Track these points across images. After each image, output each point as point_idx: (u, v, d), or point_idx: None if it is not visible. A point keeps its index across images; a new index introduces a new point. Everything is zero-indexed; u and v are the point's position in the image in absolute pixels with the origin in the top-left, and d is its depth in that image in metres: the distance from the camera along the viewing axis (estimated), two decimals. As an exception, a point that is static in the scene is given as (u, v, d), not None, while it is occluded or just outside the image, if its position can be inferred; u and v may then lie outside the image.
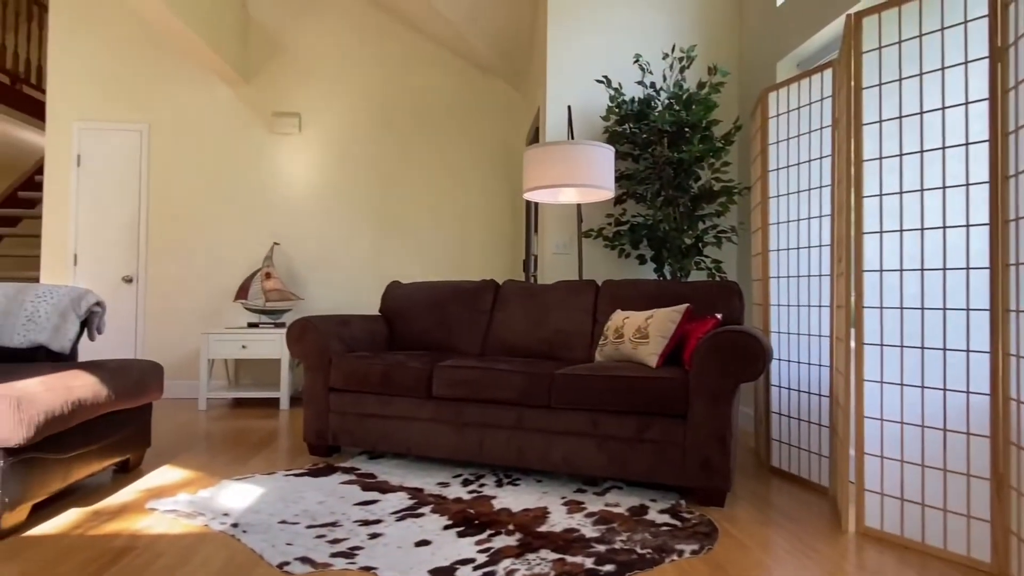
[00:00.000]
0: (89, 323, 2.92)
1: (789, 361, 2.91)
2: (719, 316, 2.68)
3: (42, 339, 2.71)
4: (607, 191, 3.18)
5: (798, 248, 2.84)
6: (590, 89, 4.02)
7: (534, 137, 4.69)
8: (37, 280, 5.25)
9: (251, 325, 4.76)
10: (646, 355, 2.65)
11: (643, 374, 2.49)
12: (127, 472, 2.80)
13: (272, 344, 4.56)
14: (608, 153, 3.12)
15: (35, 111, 6.34)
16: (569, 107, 3.75)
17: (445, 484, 2.66)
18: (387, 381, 2.93)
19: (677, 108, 3.55)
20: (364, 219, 5.24)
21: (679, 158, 3.49)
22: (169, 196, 5.09)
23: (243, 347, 4.52)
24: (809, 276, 2.78)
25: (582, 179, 2.95)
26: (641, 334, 2.71)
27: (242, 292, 4.78)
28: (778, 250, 2.96)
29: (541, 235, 4.18)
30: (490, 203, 5.35)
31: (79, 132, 5.02)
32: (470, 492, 2.54)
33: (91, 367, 2.46)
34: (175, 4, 3.93)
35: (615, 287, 3.25)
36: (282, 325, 4.81)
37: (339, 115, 5.25)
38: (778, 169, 2.96)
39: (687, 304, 2.72)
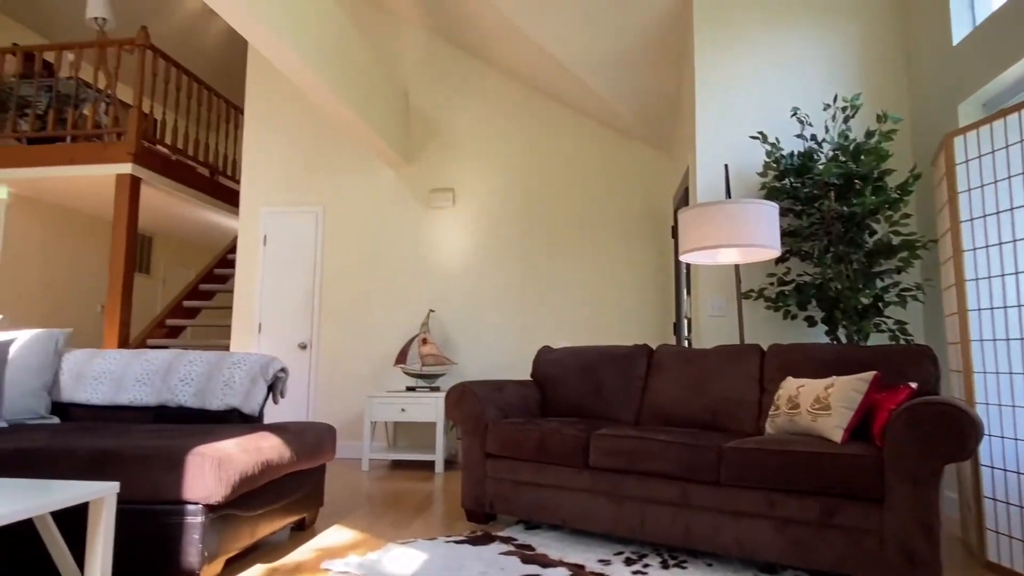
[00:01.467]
0: (274, 387, 3.19)
1: (1003, 438, 2.51)
2: (913, 385, 2.38)
3: (235, 402, 3.00)
4: (772, 250, 3.01)
5: (1004, 307, 2.49)
6: (743, 145, 3.90)
7: (683, 198, 4.60)
8: (228, 347, 5.89)
9: (409, 389, 4.98)
10: (828, 429, 2.41)
11: (827, 450, 2.26)
12: (303, 530, 2.97)
13: (428, 408, 4.72)
14: (772, 211, 2.97)
15: (229, 198, 7.28)
16: (726, 166, 3.65)
17: (606, 562, 2.53)
18: (542, 449, 2.90)
19: (843, 159, 3.34)
20: (513, 285, 5.37)
21: (850, 212, 3.25)
22: (339, 269, 5.56)
23: (402, 410, 4.73)
24: (1021, 339, 2.42)
25: (745, 239, 2.82)
26: (821, 405, 2.48)
27: (401, 357, 5.03)
28: (979, 309, 2.61)
29: (694, 297, 4.03)
30: (637, 266, 5.28)
31: (265, 215, 5.67)
32: (634, 572, 2.40)
33: (276, 429, 2.67)
34: (351, 100, 4.38)
35: (784, 352, 3.02)
36: (437, 389, 4.98)
37: (489, 187, 5.51)
38: (972, 220, 2.65)
39: (874, 371, 2.46)
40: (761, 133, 3.58)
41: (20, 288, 6.83)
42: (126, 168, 5.85)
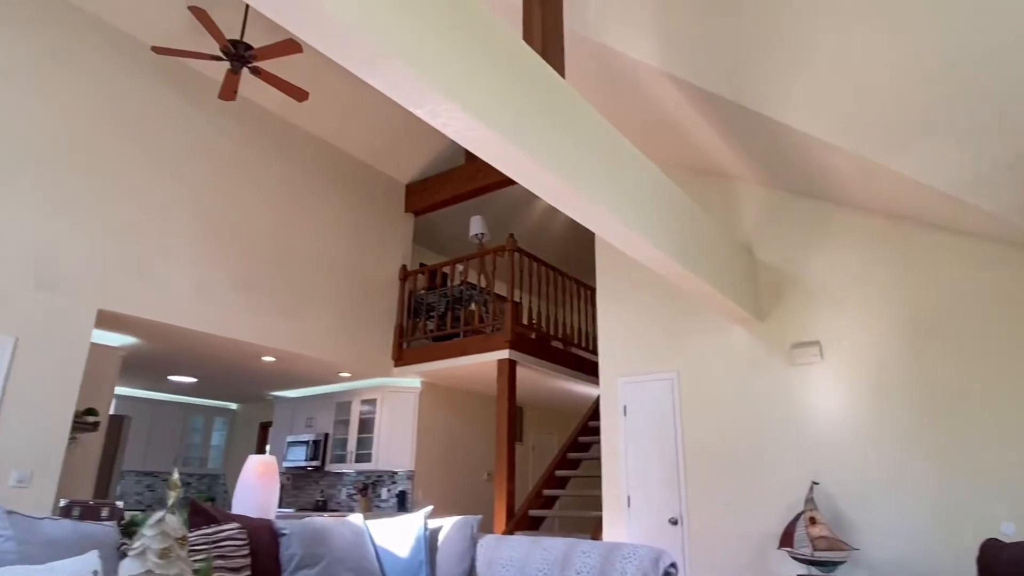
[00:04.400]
0: (664, 583, 3.05)
1: None
2: None
3: (631, 601, 2.93)
4: None
5: None
6: None
7: None
8: (599, 519, 6.01)
9: (800, 577, 4.34)
10: None
11: None
12: None
13: (831, 605, 4.02)
14: None
15: (582, 367, 7.84)
16: None
17: None
18: None
19: None
20: (915, 450, 4.49)
21: None
22: (700, 438, 5.37)
23: (798, 606, 4.10)
24: None
25: None
26: None
27: (786, 539, 4.47)
28: None
29: None
30: (1101, 416, 3.99)
31: (623, 386, 5.89)
32: None
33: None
34: (694, 266, 4.41)
35: None
36: (836, 579, 4.24)
37: (861, 333, 4.89)
38: None
39: None
40: None
41: (430, 460, 8.12)
42: (504, 354, 6.75)
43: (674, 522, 5.26)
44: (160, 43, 5.87)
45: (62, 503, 2.52)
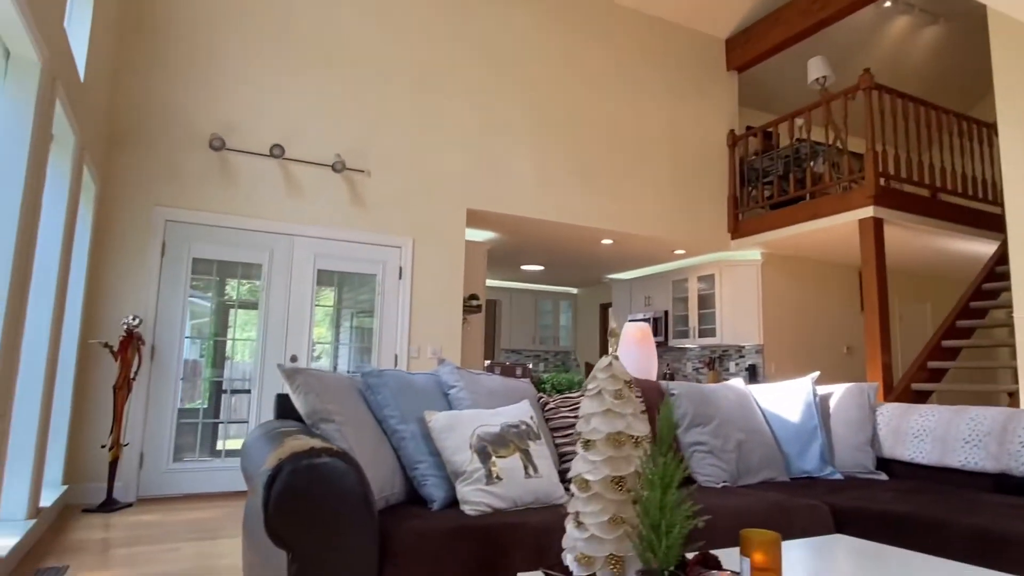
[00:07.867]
0: None
1: None
2: None
3: (1116, 483, 2.34)
4: None
5: None
6: None
7: None
8: (1012, 393, 5.01)
9: None
10: None
11: None
12: None
13: None
14: None
15: (963, 219, 6.43)
16: None
17: None
18: None
19: None
20: None
21: None
22: None
23: None
24: None
25: None
26: None
27: None
28: None
29: None
30: None
31: (1047, 233, 4.64)
32: None
33: None
34: None
35: None
36: None
37: None
38: None
39: None
40: None
41: (780, 333, 7.73)
42: (868, 211, 5.87)
43: None
44: (477, -52, 6.09)
45: (486, 363, 2.96)
